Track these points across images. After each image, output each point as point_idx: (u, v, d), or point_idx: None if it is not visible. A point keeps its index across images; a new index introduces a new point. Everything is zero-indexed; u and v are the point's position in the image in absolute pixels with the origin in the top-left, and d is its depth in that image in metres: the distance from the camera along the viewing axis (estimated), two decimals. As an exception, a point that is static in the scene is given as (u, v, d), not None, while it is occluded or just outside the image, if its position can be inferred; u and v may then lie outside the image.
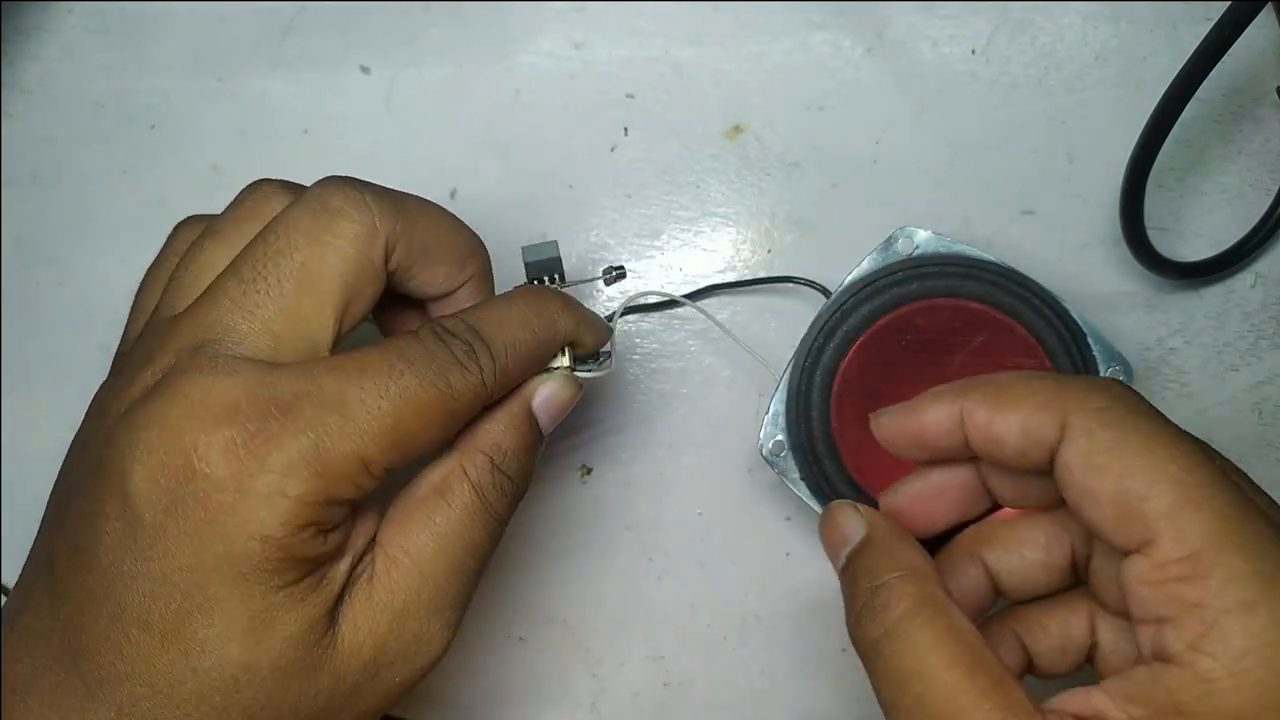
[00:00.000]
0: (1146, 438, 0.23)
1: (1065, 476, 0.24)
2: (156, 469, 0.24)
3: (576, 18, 0.41)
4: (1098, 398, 0.24)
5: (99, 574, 0.24)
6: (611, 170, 0.41)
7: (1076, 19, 0.41)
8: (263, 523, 0.24)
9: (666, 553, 0.40)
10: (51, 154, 0.42)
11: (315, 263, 0.26)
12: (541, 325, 0.29)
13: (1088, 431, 0.23)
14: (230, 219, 0.28)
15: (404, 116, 0.41)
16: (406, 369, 0.26)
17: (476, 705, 0.39)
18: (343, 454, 0.24)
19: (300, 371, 0.25)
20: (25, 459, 0.40)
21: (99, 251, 0.41)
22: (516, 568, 0.39)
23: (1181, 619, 0.21)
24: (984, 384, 0.26)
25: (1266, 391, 0.39)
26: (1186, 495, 0.22)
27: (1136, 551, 0.22)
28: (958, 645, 0.24)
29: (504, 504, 0.29)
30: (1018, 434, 0.25)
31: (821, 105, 0.41)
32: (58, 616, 0.25)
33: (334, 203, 0.26)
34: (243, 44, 0.42)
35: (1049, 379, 0.25)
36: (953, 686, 0.23)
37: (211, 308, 0.25)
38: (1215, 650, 0.21)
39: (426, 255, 0.28)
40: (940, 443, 0.27)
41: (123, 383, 0.26)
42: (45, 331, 0.41)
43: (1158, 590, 0.22)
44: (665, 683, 0.39)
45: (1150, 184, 0.36)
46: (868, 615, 0.25)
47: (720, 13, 0.41)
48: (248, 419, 0.24)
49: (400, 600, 0.26)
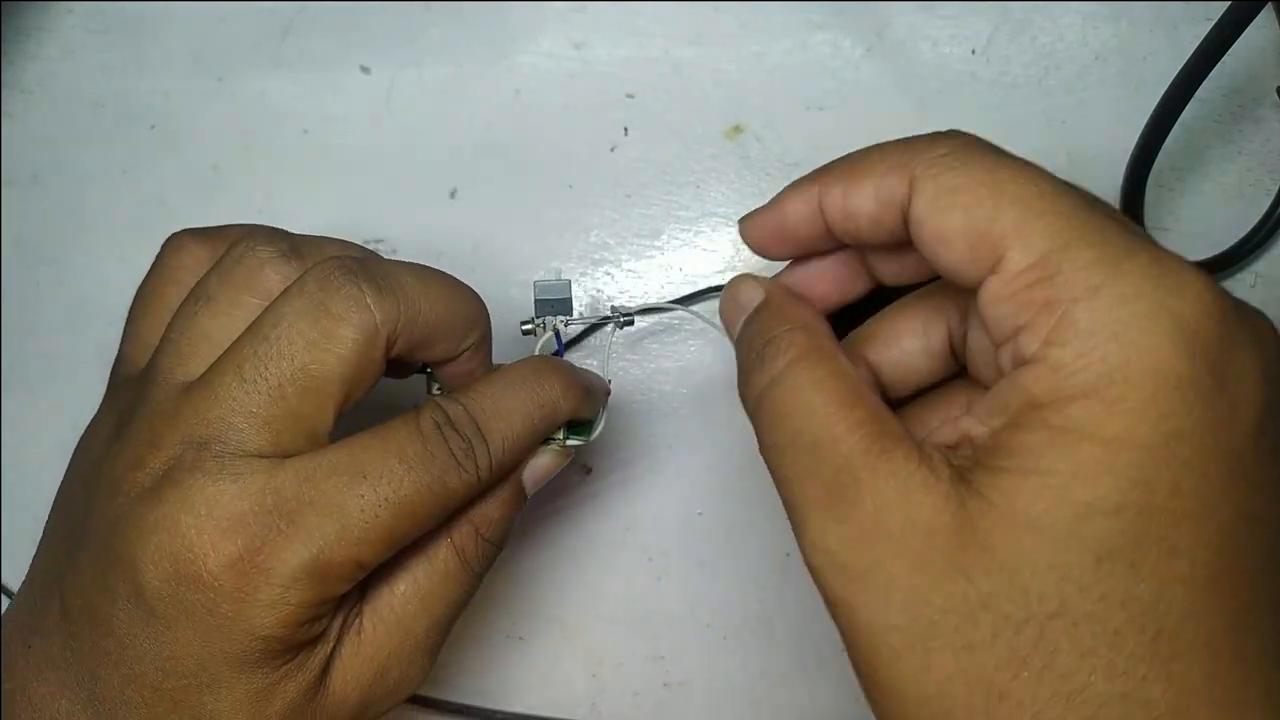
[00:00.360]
0: (988, 170, 0.23)
1: (919, 231, 0.23)
2: (168, 573, 0.25)
3: (576, 18, 0.41)
4: (940, 145, 0.24)
5: (115, 641, 0.26)
6: (611, 170, 0.41)
7: (1076, 19, 0.41)
8: (265, 626, 0.25)
9: (666, 553, 0.40)
10: (51, 154, 0.42)
11: (316, 367, 0.26)
12: (543, 416, 0.29)
13: (933, 178, 0.23)
14: (226, 284, 0.28)
15: (404, 116, 0.41)
16: (405, 475, 0.26)
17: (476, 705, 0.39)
18: (340, 561, 0.26)
19: (302, 476, 0.26)
20: (25, 459, 0.40)
21: (99, 251, 0.41)
22: (516, 568, 0.39)
23: (1034, 320, 0.21)
24: (836, 163, 0.26)
25: (1266, 391, 0.40)
26: (1029, 207, 0.22)
27: (990, 275, 0.22)
28: (839, 383, 0.23)
29: (484, 565, 0.30)
30: (872, 202, 0.25)
31: (821, 105, 0.41)
32: (74, 655, 0.26)
33: (335, 308, 0.26)
34: (243, 44, 0.42)
35: (895, 143, 0.25)
36: (829, 418, 0.23)
37: (214, 404, 0.26)
38: (1065, 339, 0.20)
39: (427, 340, 0.28)
40: (803, 231, 0.27)
41: (128, 460, 0.26)
42: (45, 331, 0.41)
43: (1011, 302, 0.22)
44: (665, 683, 0.39)
45: (1150, 184, 0.36)
46: (756, 368, 0.25)
47: (720, 13, 0.41)
48: (253, 531, 0.25)
49: (385, 654, 0.28)
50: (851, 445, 0.22)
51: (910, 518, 0.21)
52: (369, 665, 0.28)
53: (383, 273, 0.27)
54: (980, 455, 0.21)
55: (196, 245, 0.30)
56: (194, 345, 0.27)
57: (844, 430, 0.23)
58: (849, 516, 0.22)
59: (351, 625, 0.28)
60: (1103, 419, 0.20)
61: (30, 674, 0.27)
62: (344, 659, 0.28)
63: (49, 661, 0.27)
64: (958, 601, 0.20)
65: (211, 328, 0.27)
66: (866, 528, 0.21)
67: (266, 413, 0.26)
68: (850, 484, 0.22)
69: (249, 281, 0.28)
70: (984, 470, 0.21)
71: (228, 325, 0.27)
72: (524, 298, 0.41)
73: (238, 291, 0.27)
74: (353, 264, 0.27)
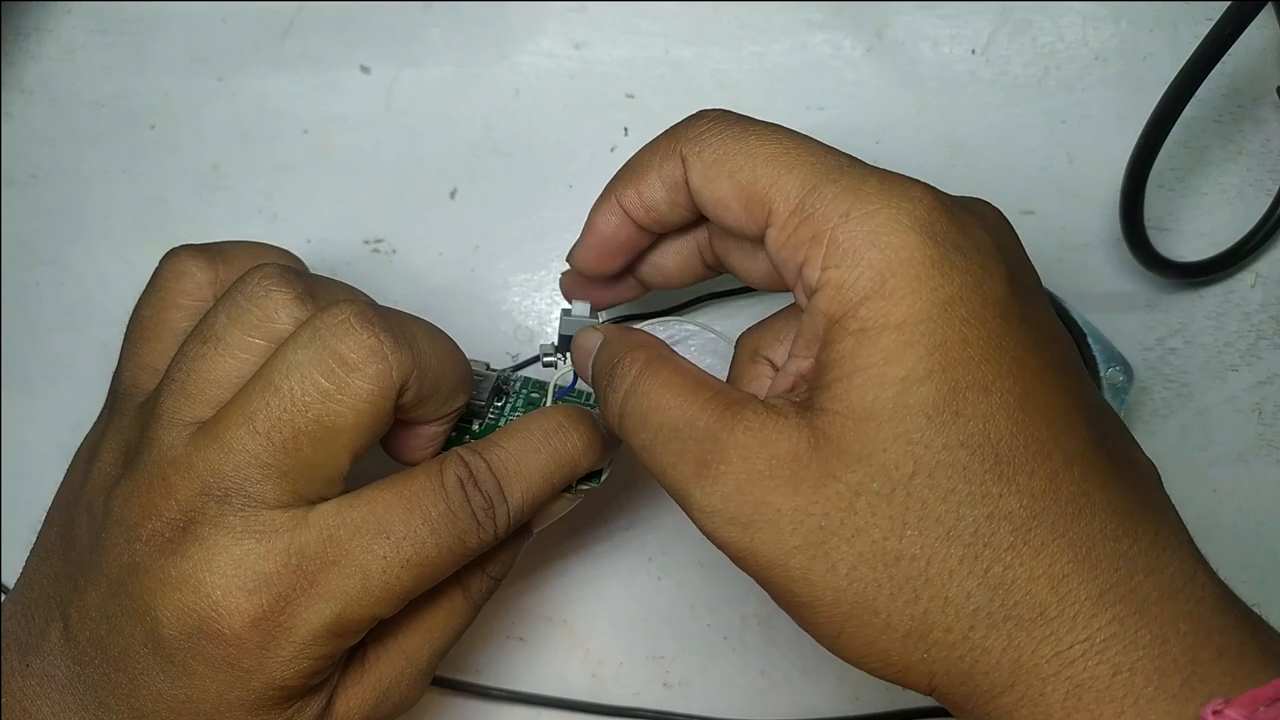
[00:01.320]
0: (739, 137, 0.26)
1: (701, 201, 0.27)
2: (189, 628, 0.25)
3: (577, 18, 0.41)
4: (698, 124, 0.27)
5: (126, 677, 0.26)
6: (612, 170, 0.41)
7: (1076, 19, 0.41)
8: (284, 678, 0.26)
9: (666, 553, 0.40)
10: (51, 154, 0.42)
11: (331, 419, 0.25)
12: (563, 475, 0.29)
13: (698, 155, 0.26)
14: (235, 325, 0.27)
15: (404, 116, 0.41)
16: (429, 536, 0.26)
17: (477, 705, 0.39)
18: (359, 619, 0.26)
19: (326, 535, 0.26)
20: (25, 459, 0.41)
21: (99, 251, 0.41)
22: (517, 568, 0.39)
23: (810, 254, 0.24)
24: (622, 170, 0.29)
25: (1266, 391, 0.40)
26: (780, 161, 0.25)
27: (768, 228, 0.25)
28: (682, 377, 0.26)
29: (486, 597, 0.31)
30: (660, 189, 0.28)
31: (821, 105, 0.41)
32: (82, 682, 0.26)
33: (351, 358, 0.25)
34: (243, 44, 0.42)
35: (664, 133, 0.28)
36: (682, 405, 0.25)
37: (229, 456, 0.25)
38: (836, 260, 0.24)
39: (426, 398, 0.28)
40: (622, 237, 0.30)
41: (142, 506, 0.26)
42: (45, 331, 0.41)
43: (788, 245, 0.25)
44: (665, 683, 0.39)
45: (1150, 184, 0.36)
46: (612, 391, 0.27)
47: (720, 13, 0.41)
48: (277, 591, 0.25)
49: (387, 683, 0.29)
50: (707, 419, 0.25)
51: (773, 454, 0.24)
52: (371, 693, 0.29)
53: (398, 323, 0.27)
54: (811, 381, 0.24)
55: (198, 268, 0.30)
56: (201, 388, 0.27)
57: (697, 410, 0.25)
58: (722, 475, 0.24)
59: (356, 658, 0.29)
60: (888, 310, 0.23)
61: (30, 692, 0.27)
62: (348, 689, 0.28)
63: (53, 683, 0.26)
64: (835, 500, 0.23)
65: (220, 370, 0.27)
66: (741, 478, 0.24)
67: (281, 464, 0.25)
68: (715, 449, 0.24)
69: (260, 324, 0.27)
70: (818, 392, 0.24)
71: (237, 368, 0.26)
72: (524, 298, 0.41)
73: (247, 333, 0.27)
74: (369, 311, 0.26)
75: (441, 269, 0.41)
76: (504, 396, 0.34)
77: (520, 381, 0.34)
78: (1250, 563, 0.39)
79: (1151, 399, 0.40)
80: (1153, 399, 0.40)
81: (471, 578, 0.30)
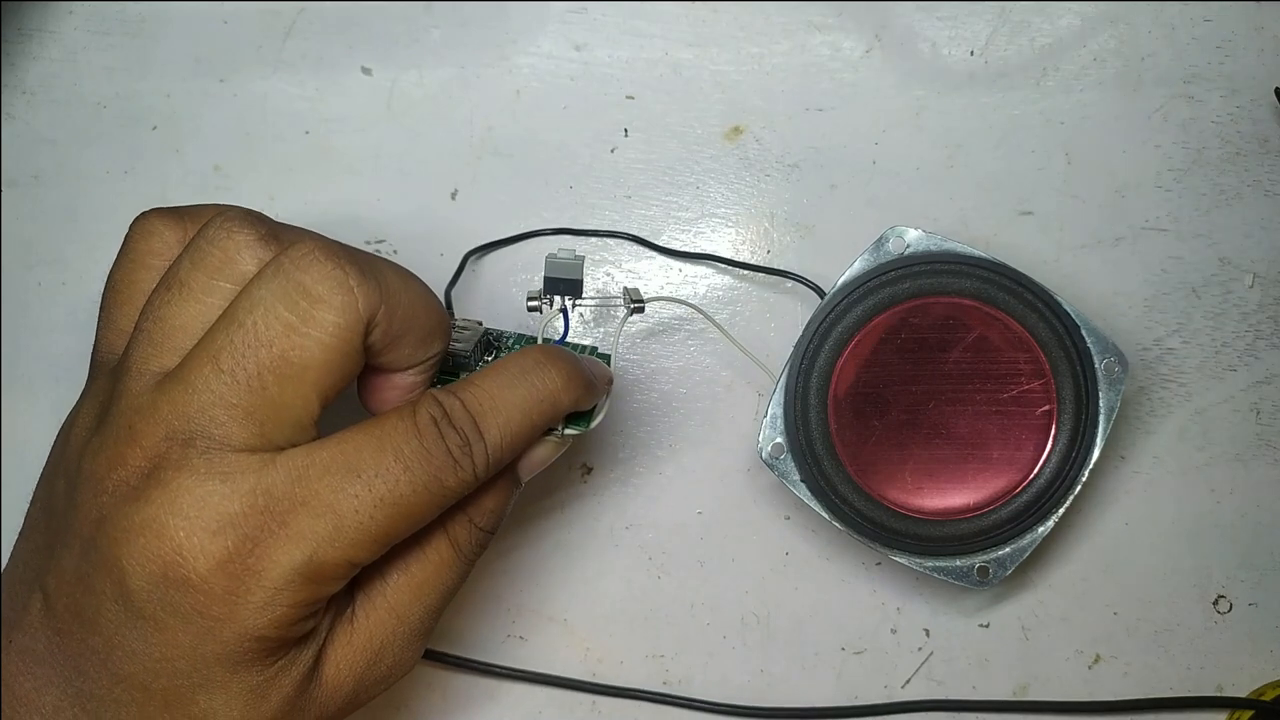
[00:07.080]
0: None
1: None
2: (155, 576, 0.24)
3: (577, 19, 0.42)
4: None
5: (102, 640, 0.25)
6: (611, 171, 0.41)
7: (1075, 20, 0.41)
8: (258, 626, 0.25)
9: (666, 552, 0.40)
10: (53, 155, 0.42)
11: (296, 354, 0.25)
12: (542, 411, 0.29)
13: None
14: (199, 269, 0.26)
15: (405, 117, 0.42)
16: (402, 474, 0.26)
17: (477, 705, 0.39)
18: (333, 562, 0.25)
19: (294, 474, 0.25)
20: (25, 459, 0.40)
21: (99, 252, 0.41)
22: (516, 567, 0.40)
23: None
24: None
25: (1264, 391, 0.40)
26: None
27: None
28: None
29: (477, 551, 0.30)
30: None
31: (821, 106, 0.41)
32: (61, 651, 0.26)
33: (315, 289, 0.25)
34: (245, 45, 0.42)
35: None
36: None
37: (192, 398, 0.25)
38: None
39: (399, 337, 0.27)
40: None
41: (109, 458, 0.25)
42: (45, 331, 0.41)
43: None
44: (665, 682, 0.39)
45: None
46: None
47: (720, 14, 0.41)
48: (243, 533, 0.24)
49: (378, 643, 0.28)
50: None
51: None
52: (362, 653, 0.28)
53: (366, 260, 0.26)
54: None
55: (166, 227, 0.29)
56: (167, 335, 0.26)
57: None
58: None
59: (344, 615, 0.28)
60: None
61: (14, 669, 0.26)
62: (337, 649, 0.28)
63: (34, 657, 0.26)
64: None
65: (185, 316, 0.26)
66: None
67: (247, 404, 0.25)
68: None
69: (224, 266, 0.26)
70: None
71: (202, 313, 0.26)
72: (524, 299, 0.41)
73: (211, 276, 0.26)
74: (334, 245, 0.26)
75: (442, 269, 0.41)
76: (494, 351, 0.33)
77: (512, 338, 0.34)
78: (1249, 563, 0.39)
79: (1149, 399, 0.40)
80: (1151, 399, 0.40)
81: (458, 528, 0.29)
